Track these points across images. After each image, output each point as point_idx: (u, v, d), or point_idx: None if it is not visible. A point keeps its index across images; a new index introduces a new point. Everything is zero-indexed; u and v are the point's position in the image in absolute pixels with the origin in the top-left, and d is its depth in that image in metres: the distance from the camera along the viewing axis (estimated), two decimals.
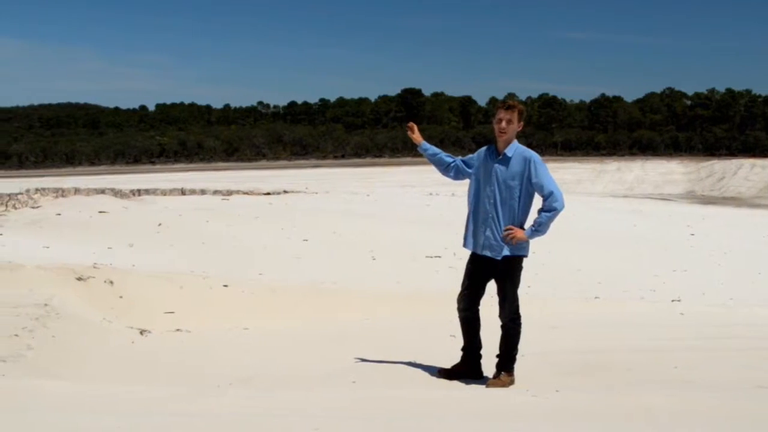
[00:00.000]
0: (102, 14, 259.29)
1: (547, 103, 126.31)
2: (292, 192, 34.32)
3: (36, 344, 7.09)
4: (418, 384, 6.31)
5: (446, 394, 5.85)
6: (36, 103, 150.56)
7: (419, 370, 6.72)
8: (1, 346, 6.74)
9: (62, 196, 29.52)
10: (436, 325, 8.84)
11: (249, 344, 8.50)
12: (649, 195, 49.20)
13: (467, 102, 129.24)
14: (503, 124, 6.03)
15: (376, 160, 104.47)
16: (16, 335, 7.20)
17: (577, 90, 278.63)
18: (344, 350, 7.59)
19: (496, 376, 6.18)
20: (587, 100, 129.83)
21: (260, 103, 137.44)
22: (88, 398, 5.33)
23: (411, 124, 6.72)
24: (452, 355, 6.57)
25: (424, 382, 6.39)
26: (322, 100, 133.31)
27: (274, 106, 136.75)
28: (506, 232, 6.00)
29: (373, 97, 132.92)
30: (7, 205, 25.69)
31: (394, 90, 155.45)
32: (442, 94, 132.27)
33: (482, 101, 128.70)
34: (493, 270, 6.15)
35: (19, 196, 31.66)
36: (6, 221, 18.37)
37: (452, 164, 6.44)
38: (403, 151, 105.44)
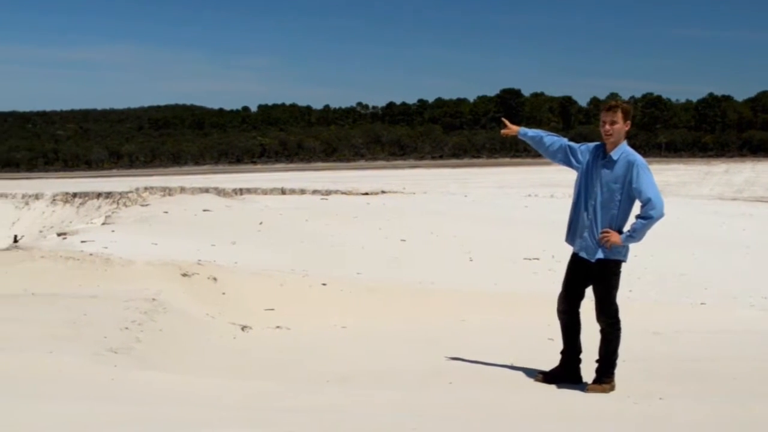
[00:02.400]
0: (210, 18, 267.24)
1: (652, 102, 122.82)
2: (390, 192, 34.55)
3: (144, 337, 7.38)
4: (516, 387, 6.25)
5: (545, 398, 5.78)
6: (146, 104, 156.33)
7: (517, 373, 6.66)
8: (113, 338, 7.05)
9: (169, 194, 30.66)
10: (534, 327, 8.74)
11: (346, 342, 8.60)
12: (761, 198, 47.17)
13: (567, 102, 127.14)
14: (607, 126, 5.94)
15: (474, 160, 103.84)
16: (127, 328, 7.52)
17: (684, 89, 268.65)
18: (441, 351, 7.59)
19: (596, 381, 6.06)
20: (694, 99, 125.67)
21: (359, 103, 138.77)
22: (191, 391, 5.51)
23: (503, 119, 6.67)
24: (551, 359, 6.48)
25: (522, 385, 6.33)
26: (420, 100, 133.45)
27: (373, 107, 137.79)
28: (602, 235, 5.91)
29: (471, 98, 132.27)
30: (118, 203, 26.85)
31: (493, 90, 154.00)
32: (541, 94, 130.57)
33: (583, 101, 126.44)
34: (589, 272, 6.05)
35: (130, 195, 33.05)
36: (118, 218, 19.18)
37: (559, 146, 6.33)
38: (501, 151, 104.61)
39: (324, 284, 10.80)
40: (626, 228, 5.98)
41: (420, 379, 6.60)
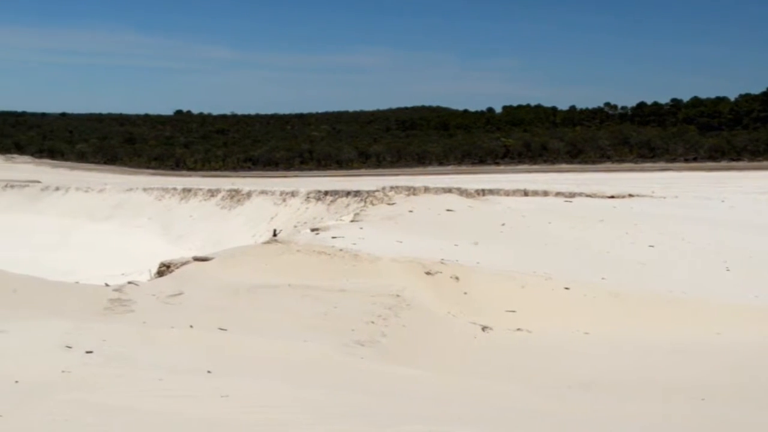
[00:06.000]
0: (457, 22, 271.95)
1: None
2: (638, 196, 33.11)
3: (389, 332, 7.65)
4: None
5: None
6: (394, 106, 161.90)
7: None
8: (360, 331, 7.38)
9: (414, 194, 31.55)
10: None
11: (589, 348, 8.37)
12: None
13: None
14: None
15: (733, 163, 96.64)
16: (372, 322, 7.84)
17: None
18: (692, 364, 7.17)
19: None
20: None
21: (607, 104, 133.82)
22: (432, 386, 5.60)
23: None
24: None
25: None
26: (673, 100, 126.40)
27: (622, 107, 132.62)
28: None
29: (732, 96, 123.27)
30: (366, 202, 28.04)
31: (758, 88, 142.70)
32: None
33: None
34: None
35: (376, 193, 34.44)
36: (366, 215, 20.04)
37: None
38: (765, 153, 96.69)
39: (567, 288, 10.58)
40: None
41: (667, 391, 6.28)
